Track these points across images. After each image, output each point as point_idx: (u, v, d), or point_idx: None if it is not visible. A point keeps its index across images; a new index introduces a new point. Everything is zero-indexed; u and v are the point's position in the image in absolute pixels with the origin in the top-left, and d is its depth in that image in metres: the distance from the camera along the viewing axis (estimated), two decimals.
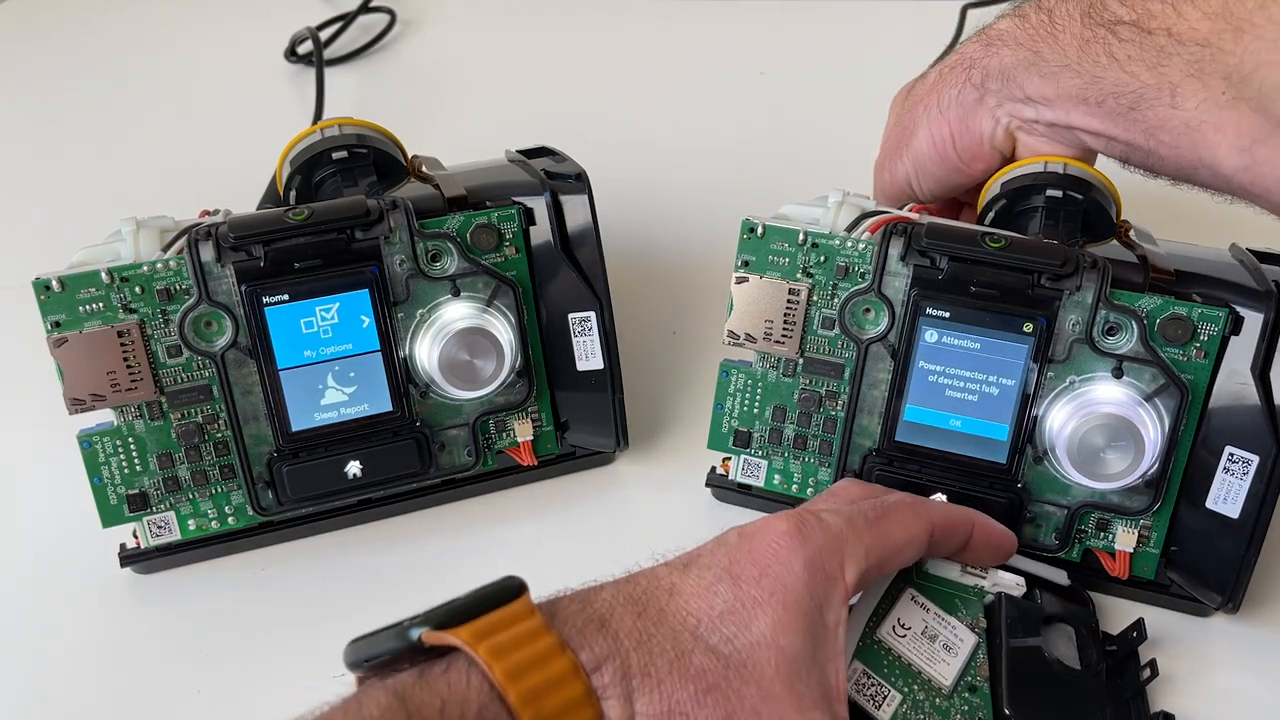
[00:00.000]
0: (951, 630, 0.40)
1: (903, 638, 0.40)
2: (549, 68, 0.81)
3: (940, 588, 0.41)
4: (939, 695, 0.39)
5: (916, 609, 0.41)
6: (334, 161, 0.51)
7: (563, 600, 0.34)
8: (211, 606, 0.47)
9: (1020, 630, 0.40)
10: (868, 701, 0.38)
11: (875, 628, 0.40)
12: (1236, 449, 0.42)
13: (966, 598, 0.41)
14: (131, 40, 0.86)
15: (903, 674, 0.39)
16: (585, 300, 0.48)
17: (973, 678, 0.39)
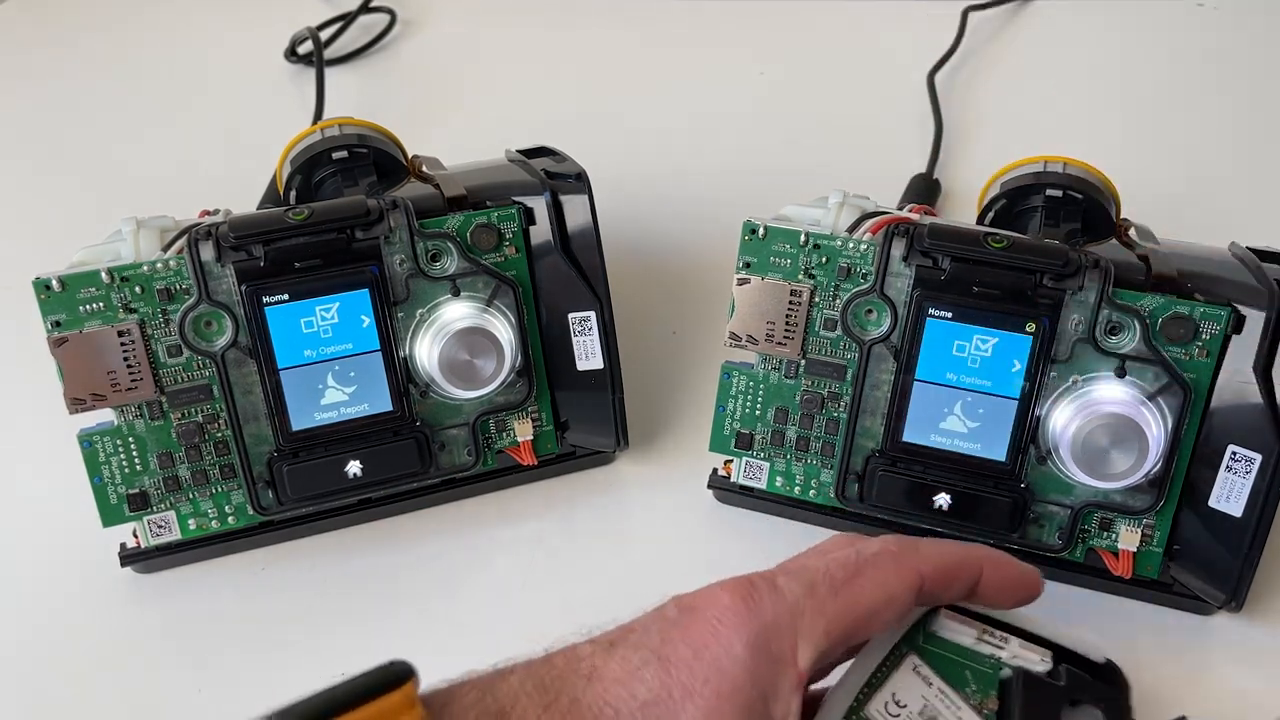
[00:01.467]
0: (955, 712, 0.35)
1: (895, 717, 0.35)
2: (549, 67, 0.81)
3: (949, 655, 0.36)
4: None
5: (917, 682, 0.36)
6: (334, 161, 0.51)
7: (461, 688, 0.29)
8: (211, 606, 0.47)
9: (1036, 716, 0.35)
10: None
11: (864, 702, 0.35)
12: (1239, 448, 0.42)
13: (979, 669, 0.36)
14: (131, 40, 0.86)
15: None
16: (585, 300, 0.48)
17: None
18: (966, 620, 0.36)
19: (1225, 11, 0.82)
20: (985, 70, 0.78)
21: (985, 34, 0.81)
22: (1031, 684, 0.35)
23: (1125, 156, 0.57)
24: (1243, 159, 0.70)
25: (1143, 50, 0.80)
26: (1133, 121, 0.73)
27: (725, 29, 0.84)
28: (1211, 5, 0.83)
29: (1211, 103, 0.74)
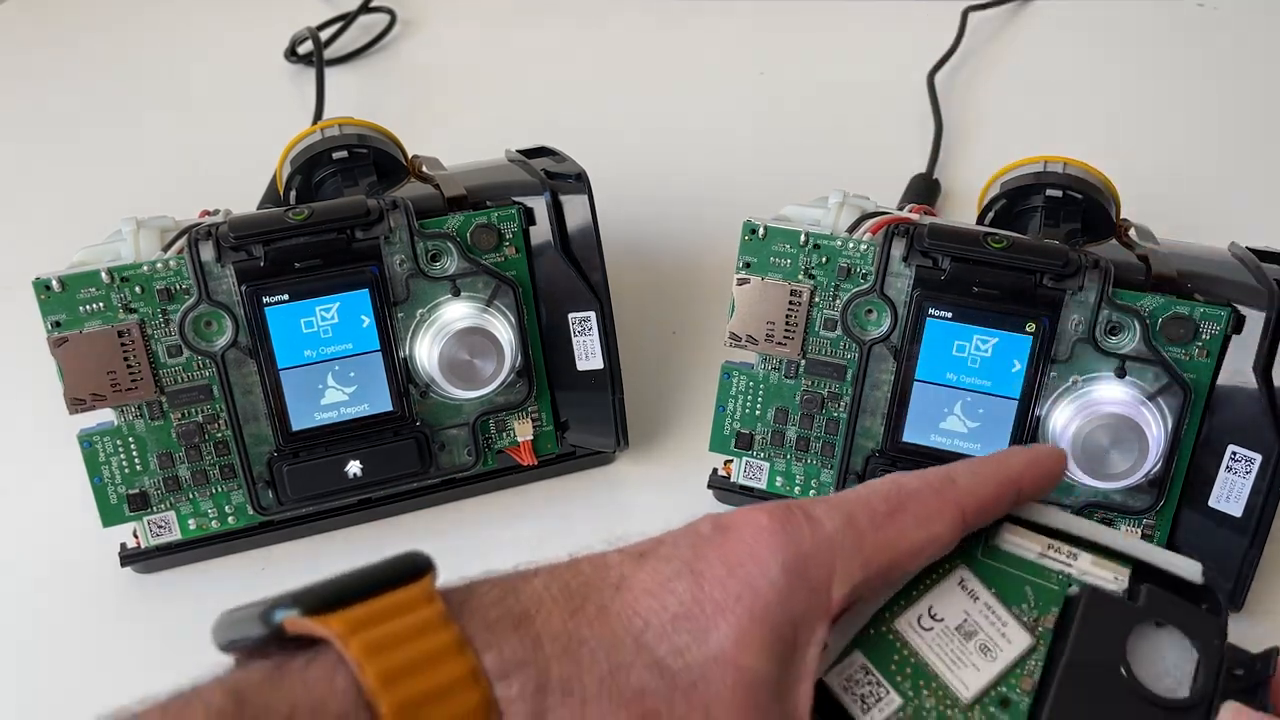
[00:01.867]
0: (999, 628, 0.33)
1: (928, 630, 0.33)
2: (549, 67, 0.81)
3: (1008, 569, 0.34)
4: (953, 706, 0.32)
5: (960, 596, 0.33)
6: (334, 161, 0.51)
7: (481, 585, 0.28)
8: (211, 606, 0.47)
9: (1098, 638, 0.32)
10: (854, 702, 0.32)
11: (896, 614, 0.33)
12: (1239, 448, 0.42)
13: (1042, 585, 0.33)
14: (131, 40, 0.86)
15: (914, 675, 0.33)
16: (585, 300, 0.48)
17: (1010, 689, 0.32)
18: (1031, 534, 0.34)
19: (1225, 11, 0.82)
20: (985, 70, 0.78)
21: (985, 34, 0.81)
22: (1099, 601, 0.33)
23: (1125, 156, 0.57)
24: (1243, 159, 0.70)
25: (1143, 50, 0.80)
26: (1133, 121, 0.73)
27: (726, 29, 0.84)
28: (1211, 5, 0.83)
29: (1211, 103, 0.74)
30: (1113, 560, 0.33)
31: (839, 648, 0.33)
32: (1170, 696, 0.32)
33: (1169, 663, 0.32)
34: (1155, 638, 0.33)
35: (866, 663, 0.33)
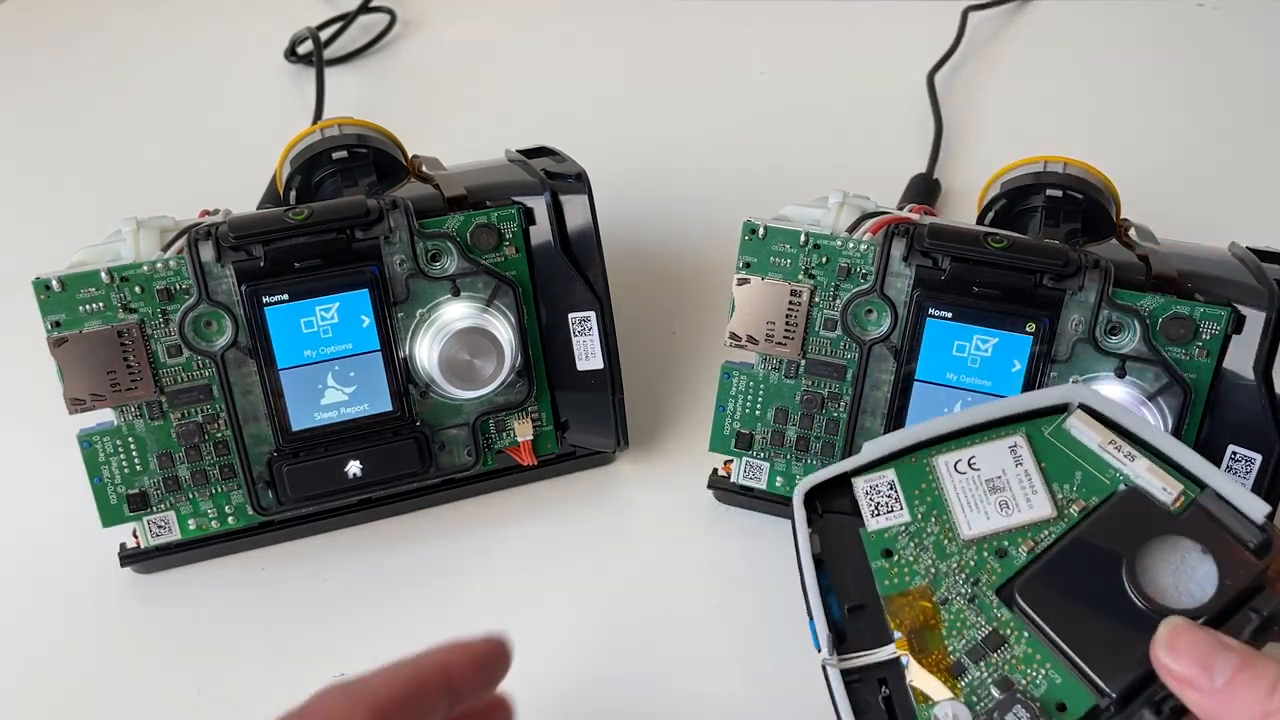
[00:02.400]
0: (1026, 494, 0.35)
1: (961, 474, 0.36)
2: (549, 67, 0.81)
3: (1068, 450, 0.36)
4: (952, 539, 0.35)
5: (1005, 457, 0.36)
6: (334, 161, 0.51)
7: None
8: (211, 606, 0.47)
9: (1119, 530, 0.34)
10: (869, 506, 0.36)
11: (940, 452, 0.36)
12: (1239, 448, 0.42)
13: (1095, 475, 0.35)
14: (131, 40, 0.86)
15: (931, 504, 0.35)
16: (585, 300, 0.48)
17: (1012, 544, 0.34)
18: (1099, 426, 0.35)
19: (1225, 11, 0.82)
20: (985, 70, 0.78)
21: (985, 34, 0.81)
22: (1137, 499, 0.34)
23: (1125, 156, 0.57)
24: (1243, 159, 0.70)
25: (1143, 50, 0.80)
26: (1133, 121, 0.73)
27: (725, 29, 0.84)
28: (1211, 5, 0.83)
29: (1211, 103, 0.74)
30: (1177, 477, 0.34)
31: (876, 455, 0.36)
32: (1168, 605, 0.33)
33: (1187, 579, 0.33)
34: (1185, 552, 0.33)
35: (895, 480, 0.36)
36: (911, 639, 0.34)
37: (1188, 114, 0.73)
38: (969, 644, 0.34)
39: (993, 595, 0.34)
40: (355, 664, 0.45)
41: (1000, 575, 0.34)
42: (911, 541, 0.35)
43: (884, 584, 0.35)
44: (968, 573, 0.35)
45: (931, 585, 0.35)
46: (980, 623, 0.34)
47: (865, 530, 0.36)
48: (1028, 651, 0.34)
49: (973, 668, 0.34)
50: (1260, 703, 0.29)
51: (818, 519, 0.37)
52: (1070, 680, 0.33)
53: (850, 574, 0.36)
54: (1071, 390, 0.36)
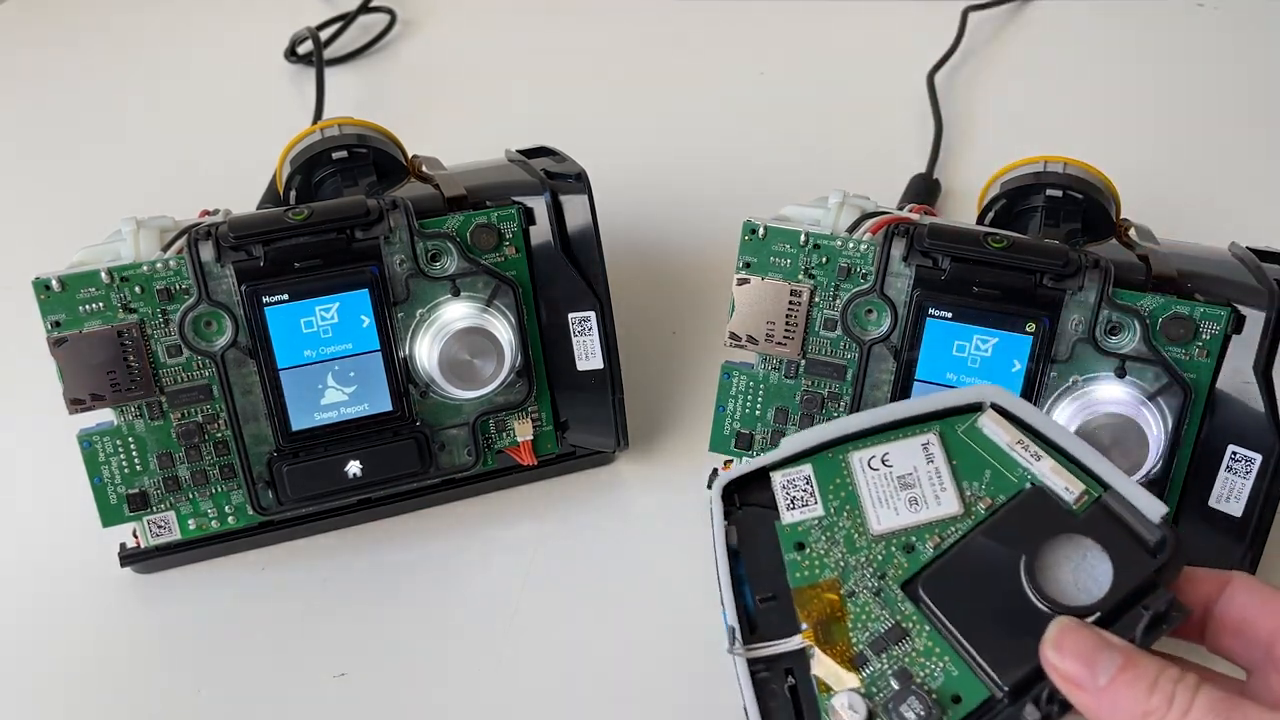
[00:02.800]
0: (935, 491, 0.36)
1: (874, 470, 0.37)
2: (549, 67, 0.81)
3: (978, 448, 0.37)
4: (862, 534, 0.36)
5: (917, 454, 0.37)
6: (334, 161, 0.51)
7: None
8: (211, 606, 0.47)
9: (1020, 528, 0.35)
10: (785, 499, 0.37)
11: (856, 449, 0.37)
12: (1239, 448, 0.42)
13: (1003, 473, 0.36)
14: (131, 40, 0.86)
15: (844, 499, 0.36)
16: (585, 300, 0.48)
17: (919, 540, 0.36)
18: (1008, 425, 0.36)
19: (1225, 11, 0.82)
20: (985, 70, 0.78)
21: (985, 34, 0.81)
22: (1039, 499, 0.35)
23: (1125, 156, 0.57)
24: (1243, 159, 0.70)
25: (1143, 50, 0.80)
26: (1133, 121, 0.73)
27: (725, 29, 0.84)
28: (1211, 5, 0.83)
29: (1211, 103, 0.74)
30: (1080, 477, 0.35)
31: (794, 450, 0.37)
32: (1065, 602, 0.34)
33: (1085, 577, 0.34)
34: (1084, 551, 0.34)
35: (811, 475, 0.37)
36: (818, 630, 0.35)
37: (1188, 114, 0.74)
38: (872, 636, 0.35)
39: (898, 589, 0.35)
40: (355, 664, 0.45)
41: (906, 570, 0.35)
42: (824, 535, 0.36)
43: (794, 576, 0.36)
44: (875, 567, 0.36)
45: (840, 578, 0.36)
46: (884, 616, 0.35)
47: (780, 523, 0.37)
48: (928, 645, 0.35)
49: (874, 659, 0.35)
50: (1140, 701, 0.30)
51: (736, 511, 0.38)
52: (966, 673, 0.34)
53: (764, 566, 0.37)
54: (984, 390, 0.37)
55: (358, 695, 0.44)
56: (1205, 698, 0.30)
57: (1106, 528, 0.34)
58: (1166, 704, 0.30)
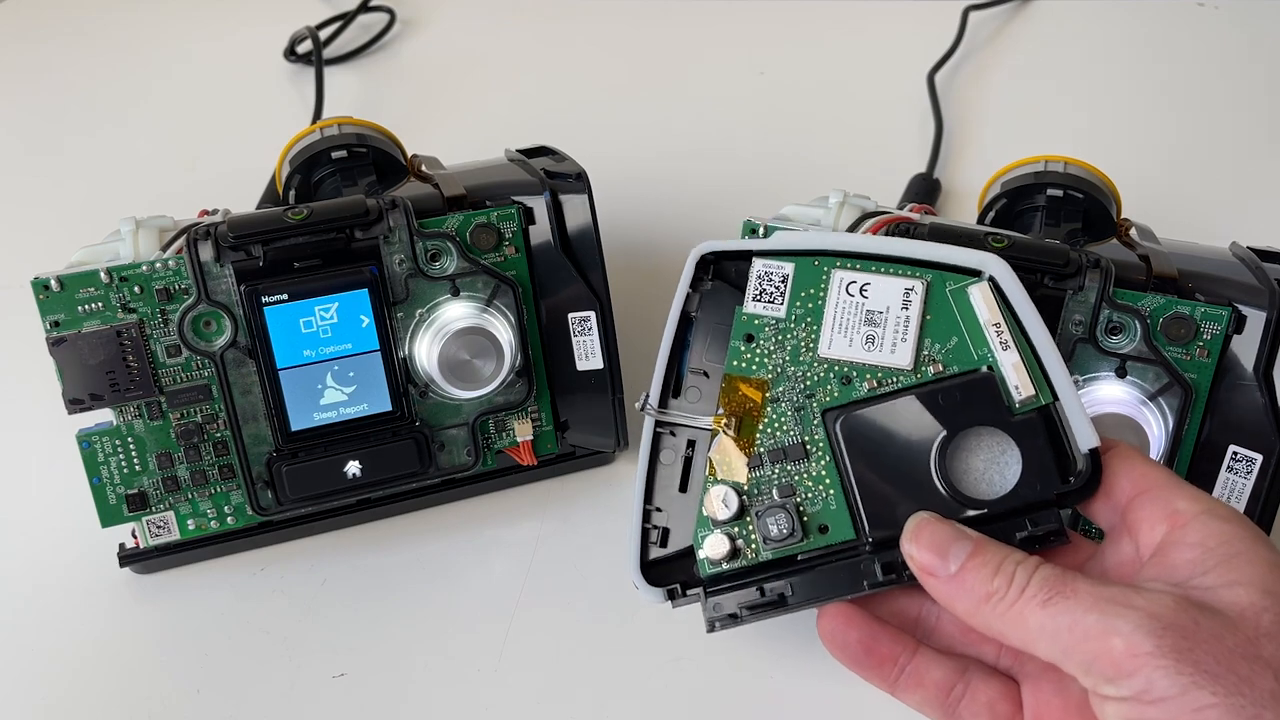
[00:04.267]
0: (895, 338, 0.36)
1: (849, 296, 0.36)
2: (549, 67, 0.81)
3: (957, 312, 0.36)
4: (810, 350, 0.37)
5: (897, 295, 0.36)
6: (333, 161, 0.51)
7: None
8: (211, 607, 0.47)
9: (953, 407, 0.35)
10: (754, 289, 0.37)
11: (844, 266, 0.37)
12: (1240, 448, 0.41)
13: (966, 345, 0.36)
14: (130, 40, 0.86)
15: (809, 310, 0.37)
16: (585, 300, 0.48)
17: (858, 377, 0.36)
18: (996, 305, 0.36)
19: (1225, 11, 0.82)
20: (985, 70, 0.78)
21: (985, 34, 0.81)
22: (986, 387, 0.36)
23: (1126, 156, 0.57)
24: (1244, 158, 0.70)
25: (1143, 50, 0.80)
26: (1133, 121, 0.73)
27: (726, 29, 0.84)
28: (1212, 5, 0.83)
29: (1212, 102, 0.74)
30: (1036, 381, 0.35)
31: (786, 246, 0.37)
32: (958, 485, 0.35)
33: (995, 473, 0.35)
34: (1004, 449, 0.35)
35: (792, 275, 0.37)
36: (730, 419, 0.37)
37: (1188, 113, 0.73)
38: (776, 445, 0.37)
39: (819, 414, 0.36)
40: (355, 664, 0.45)
41: (834, 399, 0.36)
42: (775, 336, 0.37)
43: (732, 363, 0.37)
44: (808, 385, 0.36)
45: (772, 382, 0.37)
46: (795, 432, 0.36)
47: (740, 309, 0.37)
48: (821, 473, 0.36)
49: (768, 466, 0.37)
50: (985, 583, 0.32)
51: (706, 282, 0.38)
52: (843, 512, 0.36)
53: (709, 342, 0.38)
54: (989, 261, 0.36)
55: (357, 695, 0.44)
56: (1041, 575, 0.32)
57: (1034, 438, 0.35)
58: (1007, 583, 0.32)
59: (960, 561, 0.33)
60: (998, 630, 0.32)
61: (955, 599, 0.33)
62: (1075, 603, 0.30)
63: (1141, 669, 0.29)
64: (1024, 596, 0.31)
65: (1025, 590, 0.32)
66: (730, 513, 0.36)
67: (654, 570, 0.38)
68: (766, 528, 0.36)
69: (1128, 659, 0.29)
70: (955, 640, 0.37)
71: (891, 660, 0.36)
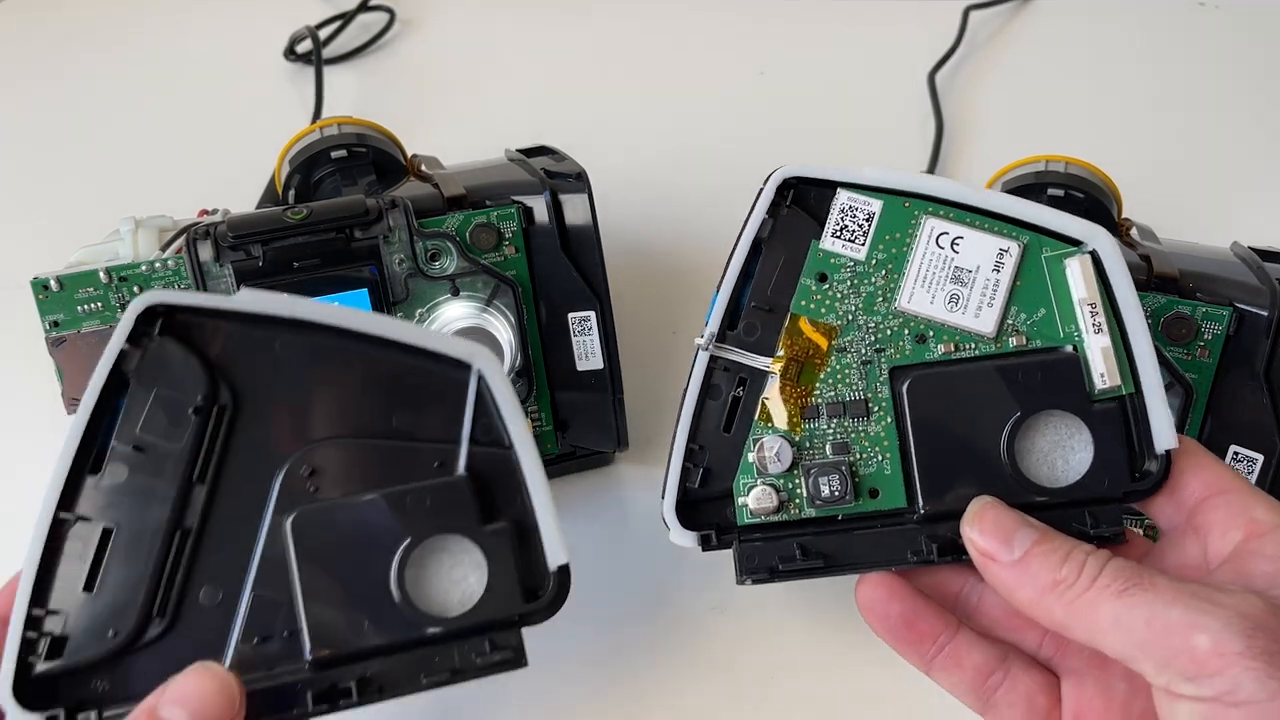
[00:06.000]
0: (980, 302, 0.33)
1: (940, 249, 0.34)
2: (549, 67, 0.80)
3: (1051, 282, 0.34)
4: (886, 300, 0.34)
5: (990, 254, 0.33)
6: (333, 161, 0.51)
7: None
8: None
9: (1035, 387, 0.33)
10: (837, 222, 0.34)
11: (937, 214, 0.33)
12: (1241, 448, 0.41)
13: (1053, 321, 0.33)
14: (130, 39, 0.86)
15: (893, 255, 0.33)
16: (585, 300, 0.48)
17: (934, 337, 0.33)
18: (1093, 281, 0.34)
19: (1226, 11, 0.82)
20: (986, 70, 0.78)
21: (986, 34, 0.81)
22: (1067, 370, 0.33)
23: (1126, 156, 0.57)
24: (1245, 158, 0.70)
25: (1144, 49, 0.79)
26: (1134, 121, 0.73)
27: (725, 29, 0.84)
28: (1212, 5, 0.83)
29: (1213, 102, 0.74)
30: (1122, 370, 0.33)
31: (877, 182, 0.34)
32: (1023, 467, 0.33)
33: (1060, 459, 0.33)
34: (1075, 435, 0.33)
35: (878, 214, 0.34)
36: (791, 364, 0.34)
37: (1189, 113, 0.73)
38: (837, 398, 0.34)
39: (886, 371, 0.34)
40: None
41: (905, 358, 0.34)
42: (850, 280, 0.34)
43: (800, 303, 0.34)
44: (879, 338, 0.34)
45: (840, 329, 0.34)
46: (859, 386, 0.34)
47: (817, 244, 0.34)
48: (879, 434, 0.34)
49: (825, 420, 0.34)
50: (1052, 571, 0.31)
51: (785, 208, 0.35)
52: (897, 479, 0.34)
53: (778, 275, 0.35)
54: (1095, 232, 0.34)
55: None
56: (1115, 566, 0.30)
57: (1110, 430, 0.33)
58: (1077, 572, 0.31)
59: (1025, 548, 0.32)
60: (1061, 621, 0.31)
61: (1017, 586, 0.32)
62: (1155, 595, 0.29)
63: (1229, 669, 0.27)
64: (1096, 586, 0.30)
65: (1097, 580, 0.30)
66: (782, 467, 0.34)
67: (687, 512, 0.35)
68: (818, 487, 0.34)
69: (1213, 658, 0.28)
70: (997, 624, 0.36)
71: (931, 638, 0.35)
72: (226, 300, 0.34)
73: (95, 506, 0.33)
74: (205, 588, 0.32)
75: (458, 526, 0.33)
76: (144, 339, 0.33)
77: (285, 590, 0.32)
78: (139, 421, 0.33)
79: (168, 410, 0.33)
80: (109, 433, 0.33)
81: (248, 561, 0.32)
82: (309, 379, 0.33)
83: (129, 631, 0.32)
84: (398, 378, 0.34)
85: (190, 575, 0.32)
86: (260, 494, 0.32)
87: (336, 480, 0.33)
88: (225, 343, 0.33)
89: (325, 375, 0.34)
